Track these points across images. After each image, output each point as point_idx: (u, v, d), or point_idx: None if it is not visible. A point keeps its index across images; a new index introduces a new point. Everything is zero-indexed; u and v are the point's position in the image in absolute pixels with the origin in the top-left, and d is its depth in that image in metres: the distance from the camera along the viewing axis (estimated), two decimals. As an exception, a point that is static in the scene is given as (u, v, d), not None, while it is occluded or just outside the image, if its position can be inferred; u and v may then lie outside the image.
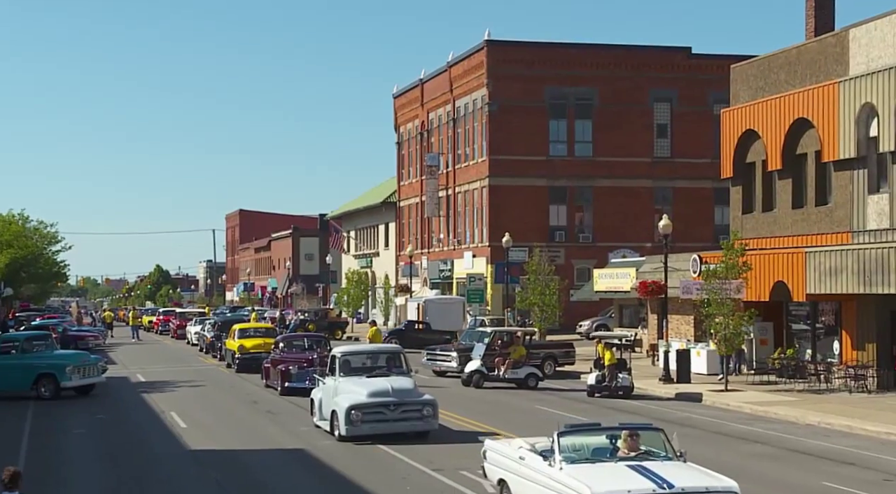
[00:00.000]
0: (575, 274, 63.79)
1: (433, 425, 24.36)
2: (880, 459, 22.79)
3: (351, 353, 26.65)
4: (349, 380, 24.94)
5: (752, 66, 41.76)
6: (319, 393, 26.30)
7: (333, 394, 24.75)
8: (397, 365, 26.27)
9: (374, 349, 28.90)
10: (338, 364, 25.64)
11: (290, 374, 34.20)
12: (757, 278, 37.24)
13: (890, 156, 34.19)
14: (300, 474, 20.97)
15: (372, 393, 23.99)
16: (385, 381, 24.58)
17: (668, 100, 66.89)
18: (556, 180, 65.70)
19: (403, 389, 24.38)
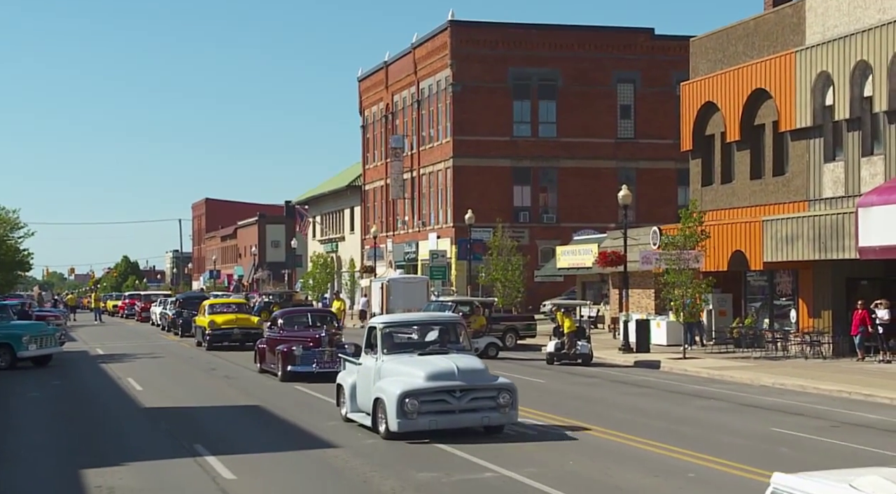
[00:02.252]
0: (539, 254, 63.93)
1: (511, 417, 18.77)
2: (830, 411, 23.04)
3: (395, 324, 20.64)
4: (397, 359, 19.12)
5: (710, 39, 41.98)
6: (351, 376, 20.57)
7: (375, 378, 19.01)
8: (453, 339, 20.31)
9: (424, 318, 23.03)
10: (379, 337, 19.53)
11: (293, 356, 29.01)
12: (715, 248, 37.51)
13: (845, 124, 34.47)
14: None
15: (432, 374, 18.32)
16: (447, 360, 18.80)
17: (632, 81, 67.09)
18: (521, 161, 65.81)
19: (472, 370, 18.66)
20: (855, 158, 34.17)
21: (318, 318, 32.68)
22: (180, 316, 49.99)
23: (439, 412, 18.26)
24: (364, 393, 19.62)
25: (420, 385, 18.20)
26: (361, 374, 19.99)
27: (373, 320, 20.82)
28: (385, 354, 19.31)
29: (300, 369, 28.90)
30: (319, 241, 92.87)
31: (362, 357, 20.17)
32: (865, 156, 33.84)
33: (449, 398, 18.27)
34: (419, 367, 18.58)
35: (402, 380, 18.39)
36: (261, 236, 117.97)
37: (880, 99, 32.75)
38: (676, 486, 14.42)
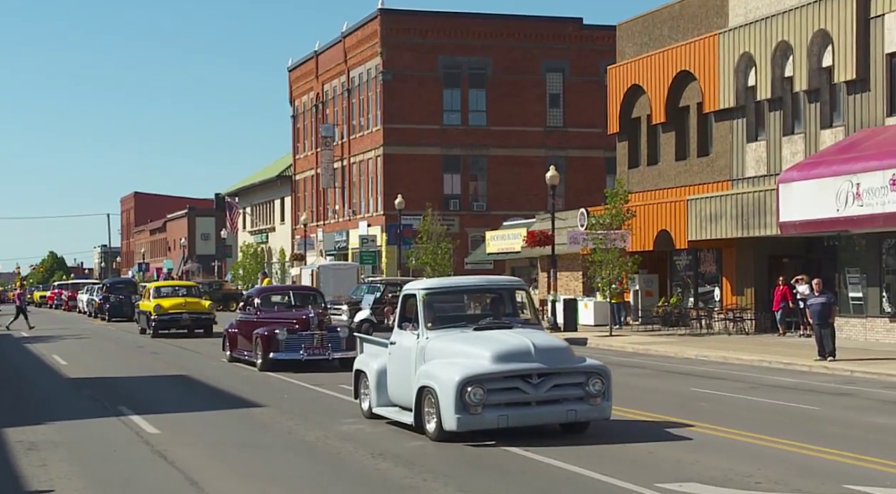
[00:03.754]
0: (469, 242, 64.17)
1: (604, 410, 14.35)
2: (750, 376, 23.53)
3: (442, 290, 15.98)
4: (447, 336, 14.75)
5: (636, 23, 42.51)
6: (376, 361, 16.09)
7: (418, 361, 14.72)
8: (510, 311, 15.76)
9: (476, 282, 17.41)
10: (421, 308, 15.00)
11: (276, 341, 24.58)
12: (641, 228, 37.99)
13: (767, 103, 35.11)
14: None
15: (501, 354, 13.94)
16: (520, 336, 14.34)
17: (561, 70, 67.59)
18: (451, 149, 66.01)
19: (553, 348, 14.31)
20: (776, 137, 34.83)
21: (300, 297, 28.08)
22: (107, 301, 49.46)
23: (511, 404, 13.83)
24: (400, 380, 15.17)
25: (486, 368, 13.72)
26: (395, 357, 15.37)
27: (410, 286, 15.99)
28: (430, 329, 14.77)
29: (284, 356, 24.54)
30: (250, 232, 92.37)
31: (395, 334, 15.55)
32: (787, 136, 34.50)
33: (524, 385, 13.82)
34: (482, 346, 14.14)
35: (461, 363, 13.90)
36: (190, 229, 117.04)
37: (800, 79, 33.40)
38: (602, 429, 14.64)
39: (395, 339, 15.55)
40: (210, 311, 39.72)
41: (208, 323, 39.14)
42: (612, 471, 11.87)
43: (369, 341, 17.06)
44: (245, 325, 26.65)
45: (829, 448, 13.46)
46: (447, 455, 13.21)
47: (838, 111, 32.80)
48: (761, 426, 15.39)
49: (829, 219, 29.63)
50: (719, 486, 11.16)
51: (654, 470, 11.97)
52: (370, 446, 13.87)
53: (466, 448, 13.57)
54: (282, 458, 13.26)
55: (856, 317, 31.71)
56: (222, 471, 12.60)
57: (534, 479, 11.74)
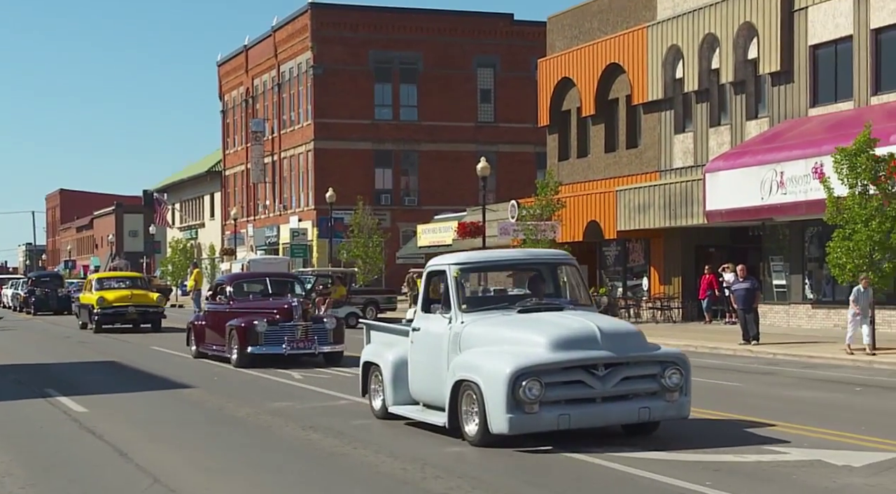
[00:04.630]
0: (401, 236, 64.23)
1: (683, 408, 12.03)
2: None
3: (477, 265, 13.63)
4: (488, 320, 12.40)
5: (566, 16, 42.89)
6: (391, 351, 13.74)
7: (452, 349, 12.32)
8: (551, 291, 13.35)
9: (517, 255, 15.42)
10: (453, 286, 12.63)
11: (254, 334, 21.79)
12: (571, 219, 38.34)
13: (694, 95, 35.63)
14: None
15: (561, 340, 11.62)
16: (582, 319, 12.09)
17: (492, 65, 67.90)
18: (382, 144, 66.02)
19: (621, 333, 12.12)
20: (703, 129, 35.36)
21: (277, 284, 25.03)
22: (32, 295, 48.75)
23: (572, 401, 11.52)
24: (426, 374, 12.80)
25: (543, 357, 11.38)
26: (420, 346, 12.97)
27: (437, 261, 13.37)
28: (465, 312, 12.38)
29: (264, 351, 21.74)
30: (179, 229, 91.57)
31: (417, 319, 13.16)
32: (713, 127, 35.04)
33: (588, 378, 11.48)
34: (536, 330, 11.80)
35: (511, 352, 11.54)
36: (118, 226, 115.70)
37: (727, 71, 33.95)
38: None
39: (418, 325, 12.98)
40: (158, 304, 37.28)
41: (156, 318, 36.65)
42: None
43: (380, 328, 14.68)
44: (215, 316, 23.80)
45: (751, 416, 13.82)
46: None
47: (763, 102, 33.39)
48: (701, 398, 15.63)
49: (754, 208, 30.16)
50: (642, 449, 11.41)
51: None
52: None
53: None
54: (211, 431, 13.25)
55: (779, 304, 32.29)
56: (152, 443, 12.58)
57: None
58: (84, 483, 10.30)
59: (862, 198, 23.38)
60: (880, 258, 23.27)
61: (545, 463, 10.91)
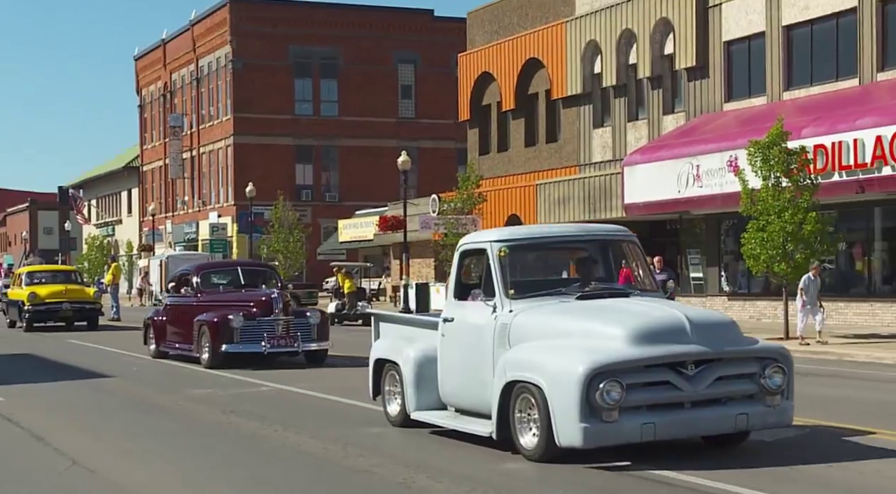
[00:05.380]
0: (322, 232, 64.05)
1: (785, 413, 10.05)
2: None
3: (525, 242, 11.25)
4: (543, 308, 10.31)
5: (486, 11, 43.16)
6: (414, 347, 11.56)
7: (499, 343, 10.26)
8: (602, 274, 11.34)
9: (571, 231, 12.61)
10: (497, 268, 10.52)
11: (229, 330, 19.24)
12: (492, 212, 38.61)
13: (612, 90, 36.09)
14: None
15: (642, 333, 9.62)
16: (665, 307, 10.30)
17: (412, 61, 68.04)
18: (302, 139, 65.82)
19: (714, 323, 10.12)
20: (621, 123, 35.83)
21: (250, 275, 22.24)
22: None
23: (657, 406, 9.48)
24: (463, 373, 10.72)
25: (623, 353, 9.35)
26: (454, 340, 10.86)
27: (473, 238, 11.42)
28: (514, 299, 10.27)
29: (241, 349, 19.20)
30: (95, 225, 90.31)
31: (450, 308, 10.92)
32: (631, 121, 35.52)
33: (676, 378, 9.45)
34: (610, 320, 9.80)
35: (582, 346, 9.50)
36: (32, 223, 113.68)
37: (644, 66, 34.43)
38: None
39: (451, 314, 10.82)
40: (95, 301, 34.46)
41: (93, 315, 33.95)
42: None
43: (397, 320, 12.64)
44: (179, 311, 21.20)
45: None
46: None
47: (679, 97, 33.93)
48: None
49: (671, 200, 30.63)
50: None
51: None
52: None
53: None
54: (131, 417, 13.17)
55: (696, 296, 32.81)
56: (69, 428, 12.51)
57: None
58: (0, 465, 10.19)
59: (775, 190, 23.89)
60: (793, 249, 23.77)
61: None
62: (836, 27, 28.75)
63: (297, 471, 9.76)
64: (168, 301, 22.48)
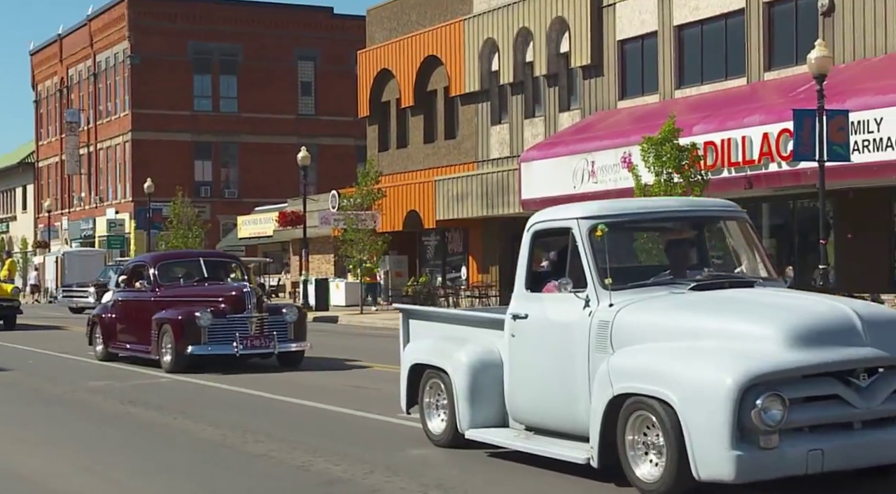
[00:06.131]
0: (221, 229, 63.71)
1: None
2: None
3: (624, 218, 9.16)
4: (655, 303, 8.34)
5: (385, 8, 43.40)
6: (466, 350, 9.65)
7: (597, 346, 8.25)
8: (697, 261, 9.45)
9: (674, 205, 10.86)
10: (588, 252, 8.54)
11: (195, 329, 17.33)
12: (391, 208, 38.85)
13: (510, 88, 36.59)
14: None
15: (803, 333, 7.53)
16: (824, 299, 8.54)
17: (312, 58, 67.97)
18: (202, 135, 65.33)
19: (887, 320, 7.91)
20: (519, 120, 36.35)
21: (213, 267, 20.13)
22: None
23: (823, 428, 7.51)
24: (541, 381, 8.79)
25: (783, 360, 7.41)
26: (528, 340, 8.91)
27: (550, 215, 9.29)
28: (614, 290, 8.33)
29: (210, 351, 17.33)
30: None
31: (519, 301, 9.02)
32: (528, 118, 36.06)
33: (845, 391, 7.51)
34: (757, 317, 7.87)
35: (727, 350, 7.53)
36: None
37: (540, 64, 34.98)
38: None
39: (523, 309, 8.89)
40: (14, 297, 31.77)
41: (11, 313, 31.25)
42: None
43: (436, 317, 10.62)
44: (133, 308, 19.31)
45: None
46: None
47: (575, 95, 34.56)
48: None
49: (566, 196, 31.08)
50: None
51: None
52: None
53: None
54: (27, 408, 13.14)
55: (592, 290, 33.45)
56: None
57: None
58: None
59: (667, 185, 24.50)
60: (683, 242, 24.44)
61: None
62: (724, 27, 29.57)
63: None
64: (119, 296, 20.32)
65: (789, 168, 24.37)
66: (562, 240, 8.86)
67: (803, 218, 27.14)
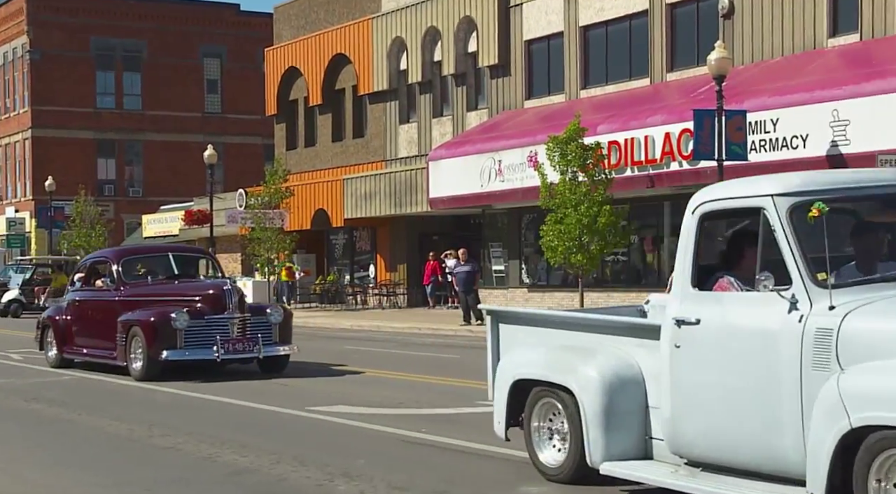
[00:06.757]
0: (125, 228, 62.81)
1: None
2: (401, 338, 24.83)
3: (832, 194, 6.82)
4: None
5: (293, 6, 43.25)
6: (597, 363, 7.77)
7: (815, 360, 6.33)
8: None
9: (890, 178, 7.28)
10: (790, 239, 6.61)
11: (170, 332, 15.66)
12: (299, 207, 38.72)
13: (418, 87, 36.72)
14: None
15: None
16: None
17: (218, 56, 67.33)
18: (105, 133, 64.34)
19: None
20: (427, 119, 36.50)
21: (183, 262, 18.50)
22: None
23: None
24: (724, 407, 6.96)
25: None
26: (699, 353, 7.12)
27: (724, 190, 7.47)
28: (836, 288, 6.42)
29: (188, 356, 15.74)
30: None
31: (686, 302, 7.27)
32: (436, 117, 36.23)
33: None
34: None
35: None
36: None
37: (448, 63, 35.17)
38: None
39: (692, 313, 7.14)
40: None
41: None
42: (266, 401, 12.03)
43: (539, 321, 8.67)
44: (93, 309, 17.69)
45: (466, 379, 14.71)
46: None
47: (483, 94, 34.82)
48: (415, 368, 16.66)
49: (474, 195, 31.43)
50: (370, 407, 12.01)
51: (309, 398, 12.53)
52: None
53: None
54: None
55: (498, 289, 33.74)
56: None
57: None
58: None
59: (572, 184, 24.90)
60: (588, 240, 24.84)
61: None
62: (629, 29, 30.06)
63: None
64: (76, 296, 18.30)
65: (690, 167, 24.90)
66: (750, 222, 7.07)
67: (705, 216, 27.62)
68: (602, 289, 29.91)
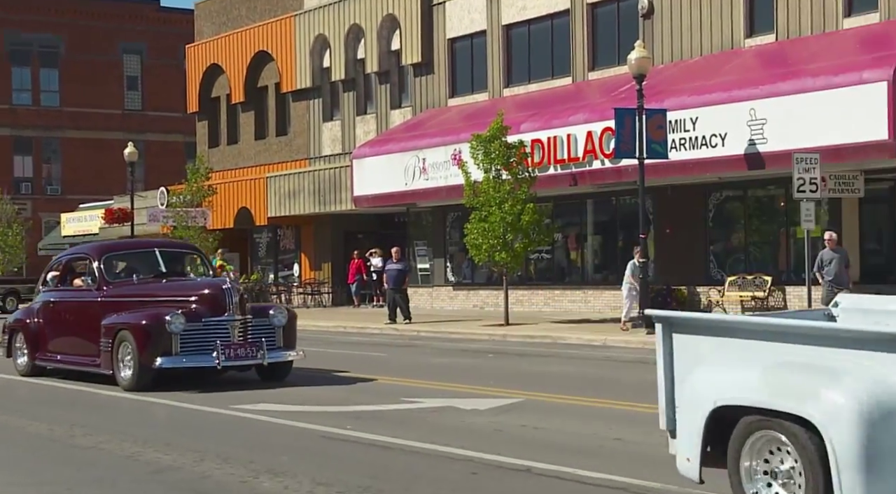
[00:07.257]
0: (43, 227, 61.77)
1: None
2: (329, 338, 24.77)
3: None
4: None
5: (214, 3, 42.90)
6: (846, 390, 5.85)
7: None
8: None
9: None
10: None
11: (165, 336, 14.03)
12: (222, 205, 38.45)
13: (341, 84, 36.64)
14: None
15: None
16: None
17: (139, 52, 66.50)
18: (21, 130, 63.23)
19: None
20: (351, 117, 36.44)
21: (171, 259, 16.83)
22: None
23: None
24: None
25: None
26: None
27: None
28: None
29: (185, 363, 14.13)
30: None
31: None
32: (360, 115, 36.19)
33: None
34: None
35: None
36: None
37: (372, 61, 35.15)
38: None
39: None
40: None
41: None
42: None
43: (737, 331, 6.75)
44: (70, 311, 16.09)
45: (392, 377, 14.78)
46: None
47: (406, 92, 34.85)
48: (340, 366, 16.76)
49: (398, 193, 31.45)
50: (295, 404, 12.00)
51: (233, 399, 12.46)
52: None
53: None
54: None
55: (423, 287, 33.81)
56: None
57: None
58: None
59: (496, 182, 25.03)
60: (512, 238, 25.00)
61: None
62: (551, 28, 30.29)
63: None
64: (50, 297, 16.55)
65: (612, 165, 25.18)
66: None
67: (625, 213, 28.02)
68: (526, 287, 30.16)
